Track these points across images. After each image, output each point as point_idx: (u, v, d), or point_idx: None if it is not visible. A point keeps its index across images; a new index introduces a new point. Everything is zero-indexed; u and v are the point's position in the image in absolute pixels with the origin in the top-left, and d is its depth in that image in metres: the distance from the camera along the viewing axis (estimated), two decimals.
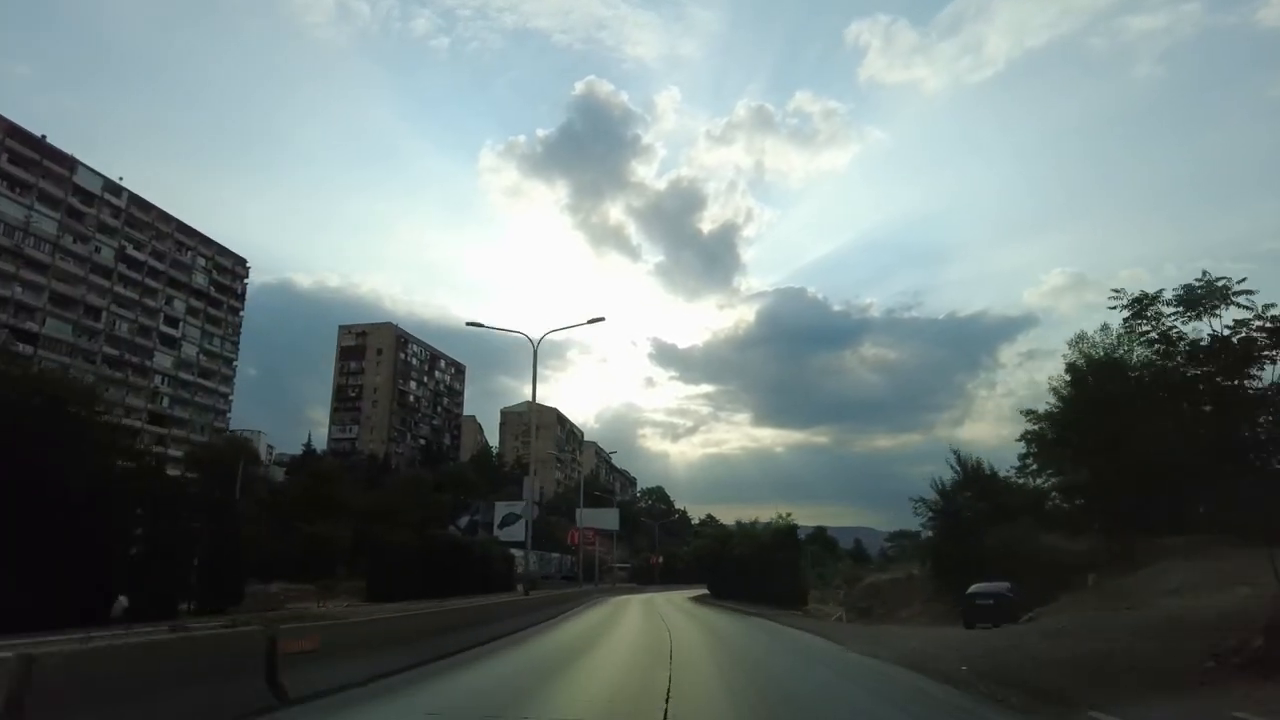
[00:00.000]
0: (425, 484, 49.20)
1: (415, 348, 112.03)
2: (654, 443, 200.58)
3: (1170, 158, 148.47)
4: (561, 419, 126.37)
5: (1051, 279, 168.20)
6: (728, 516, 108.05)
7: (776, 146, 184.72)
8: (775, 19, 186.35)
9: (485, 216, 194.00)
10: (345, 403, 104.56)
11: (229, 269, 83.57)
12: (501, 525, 51.02)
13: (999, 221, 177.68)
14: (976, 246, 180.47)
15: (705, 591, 52.48)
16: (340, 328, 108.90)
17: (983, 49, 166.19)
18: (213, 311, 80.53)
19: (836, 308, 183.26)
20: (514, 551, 52.25)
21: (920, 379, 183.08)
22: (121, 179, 69.97)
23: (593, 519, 66.57)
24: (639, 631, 18.03)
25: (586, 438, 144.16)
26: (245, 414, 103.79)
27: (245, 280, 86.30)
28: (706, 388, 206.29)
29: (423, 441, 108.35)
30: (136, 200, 71.30)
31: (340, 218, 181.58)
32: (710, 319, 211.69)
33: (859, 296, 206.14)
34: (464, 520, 54.48)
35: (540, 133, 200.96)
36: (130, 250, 69.99)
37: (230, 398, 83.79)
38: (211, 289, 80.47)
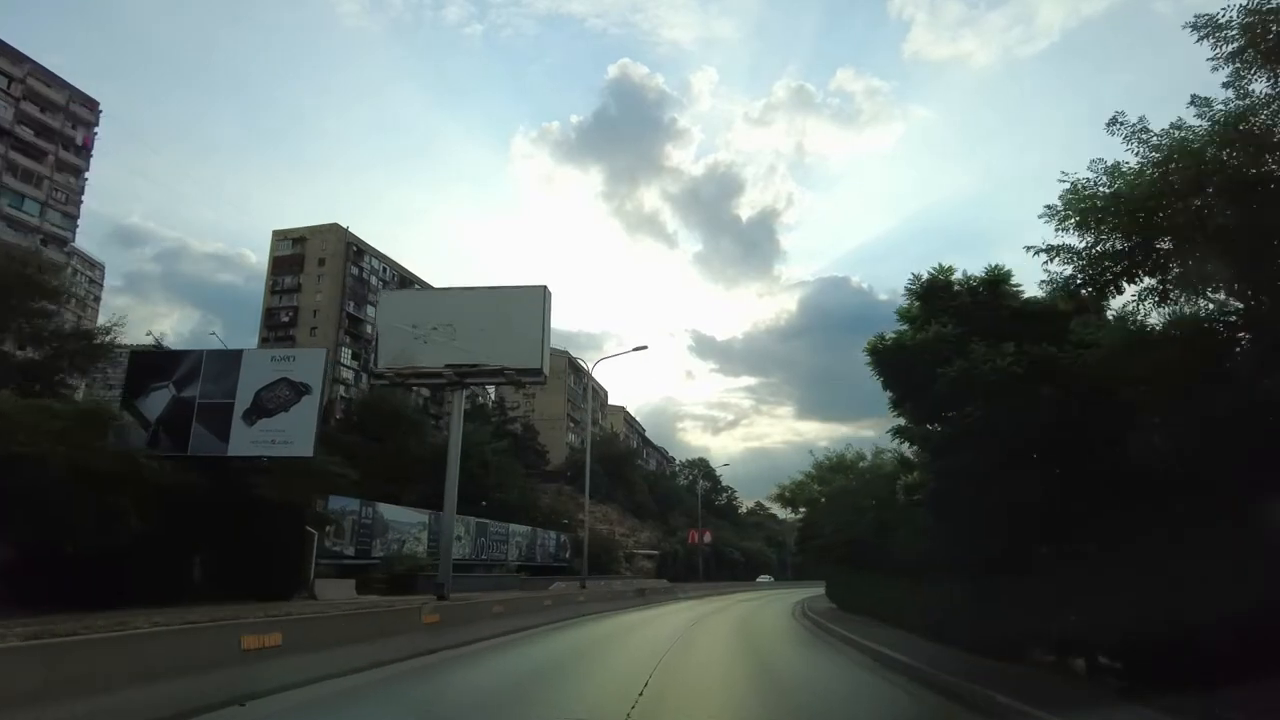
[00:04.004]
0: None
1: (375, 263, 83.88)
2: (694, 436, 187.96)
3: None
4: (574, 364, 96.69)
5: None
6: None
7: (817, 128, 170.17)
8: None
9: (519, 204, 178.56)
10: (275, 330, 76.82)
11: (61, 106, 56.00)
12: (255, 413, 17.94)
13: (1051, 203, 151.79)
14: (1026, 230, 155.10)
15: (831, 604, 22.26)
16: (274, 233, 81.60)
17: (1035, 19, 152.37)
18: (25, 162, 53.15)
19: (882, 296, 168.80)
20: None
21: None
22: None
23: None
24: None
25: (615, 412, 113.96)
26: None
27: (94, 129, 58.82)
28: (748, 380, 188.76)
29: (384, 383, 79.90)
30: None
31: (375, 208, 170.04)
32: (750, 309, 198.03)
33: (905, 284, 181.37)
34: (157, 392, 18.75)
35: (574, 118, 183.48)
36: None
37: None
38: (24, 129, 53.07)
